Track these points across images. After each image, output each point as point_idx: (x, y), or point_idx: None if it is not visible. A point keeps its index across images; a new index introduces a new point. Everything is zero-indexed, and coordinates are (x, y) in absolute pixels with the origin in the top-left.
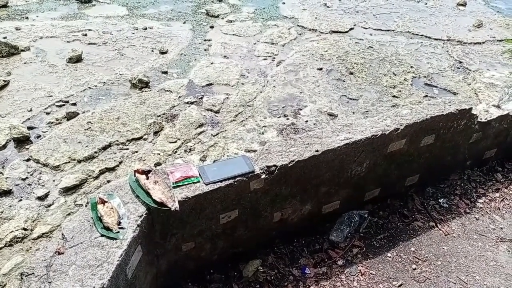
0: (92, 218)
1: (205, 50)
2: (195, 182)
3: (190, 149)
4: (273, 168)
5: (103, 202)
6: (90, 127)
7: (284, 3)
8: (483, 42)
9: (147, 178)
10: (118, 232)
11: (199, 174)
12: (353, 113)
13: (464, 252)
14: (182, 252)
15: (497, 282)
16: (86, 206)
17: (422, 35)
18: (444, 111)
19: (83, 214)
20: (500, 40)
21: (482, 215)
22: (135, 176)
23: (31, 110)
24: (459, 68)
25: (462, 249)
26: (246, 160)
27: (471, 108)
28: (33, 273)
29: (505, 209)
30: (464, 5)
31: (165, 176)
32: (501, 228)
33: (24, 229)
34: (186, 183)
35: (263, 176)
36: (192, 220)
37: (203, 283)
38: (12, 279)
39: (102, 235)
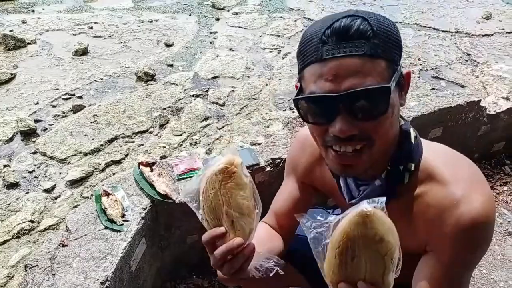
0: (96, 210)
1: (210, 42)
2: (200, 175)
3: (195, 142)
4: (278, 160)
5: (107, 194)
6: (96, 120)
7: None
8: (492, 34)
9: (152, 171)
10: (122, 224)
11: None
12: None
13: None
14: (187, 245)
15: (504, 276)
16: (90, 198)
17: (430, 27)
18: (452, 103)
19: (87, 207)
20: (509, 32)
21: None
22: (139, 168)
23: (37, 103)
24: (467, 61)
25: None
26: (251, 153)
27: (480, 100)
28: (37, 265)
29: None
30: None
31: (169, 168)
32: (509, 221)
33: (31, 221)
34: (190, 175)
35: (268, 168)
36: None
37: (208, 275)
38: (19, 270)
39: (106, 228)
